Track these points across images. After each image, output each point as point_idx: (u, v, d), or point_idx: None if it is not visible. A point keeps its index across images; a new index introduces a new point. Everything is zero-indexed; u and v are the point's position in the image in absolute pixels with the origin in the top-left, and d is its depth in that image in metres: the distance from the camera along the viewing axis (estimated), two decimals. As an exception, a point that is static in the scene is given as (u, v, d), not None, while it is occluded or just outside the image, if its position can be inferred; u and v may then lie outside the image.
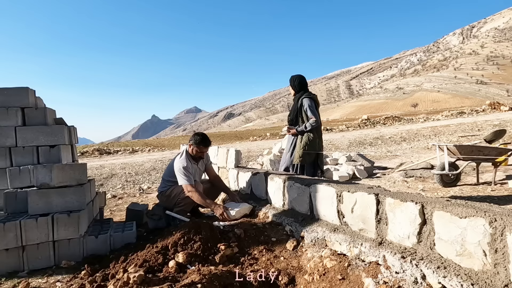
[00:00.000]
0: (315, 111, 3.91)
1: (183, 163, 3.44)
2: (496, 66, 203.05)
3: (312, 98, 3.98)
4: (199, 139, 3.53)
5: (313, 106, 3.93)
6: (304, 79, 4.12)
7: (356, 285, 1.87)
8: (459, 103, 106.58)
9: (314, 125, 3.86)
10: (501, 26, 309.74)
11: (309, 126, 3.87)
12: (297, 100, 4.03)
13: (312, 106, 3.90)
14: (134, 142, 26.63)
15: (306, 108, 3.91)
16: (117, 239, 2.95)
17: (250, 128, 32.56)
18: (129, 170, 9.53)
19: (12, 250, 2.64)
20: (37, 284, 2.43)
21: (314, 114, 3.88)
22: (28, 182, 3.17)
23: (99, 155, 15.69)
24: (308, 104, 3.90)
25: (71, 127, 3.67)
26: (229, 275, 2.10)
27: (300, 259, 2.40)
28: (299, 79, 4.08)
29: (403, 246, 1.92)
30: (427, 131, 14.99)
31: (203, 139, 3.55)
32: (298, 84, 4.08)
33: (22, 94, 3.26)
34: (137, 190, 7.03)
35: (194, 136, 3.59)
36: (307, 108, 3.89)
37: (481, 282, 1.49)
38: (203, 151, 3.62)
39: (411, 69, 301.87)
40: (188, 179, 3.37)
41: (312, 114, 3.87)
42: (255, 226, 3.05)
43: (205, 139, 3.57)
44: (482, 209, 1.60)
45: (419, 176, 5.88)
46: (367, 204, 2.17)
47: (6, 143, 3.18)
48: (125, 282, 2.02)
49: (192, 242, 2.55)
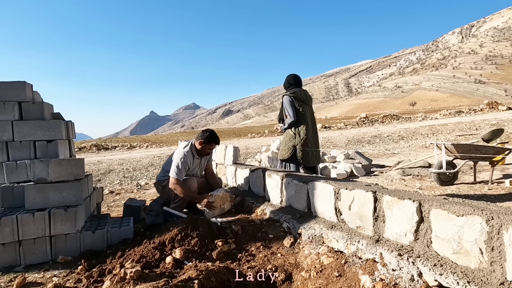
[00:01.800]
0: (291, 108, 3.92)
1: (184, 155, 3.44)
2: (495, 66, 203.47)
3: (291, 95, 3.97)
4: (210, 136, 3.54)
5: (290, 103, 3.93)
6: (292, 78, 4.10)
7: (352, 282, 1.88)
8: (457, 102, 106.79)
9: (290, 122, 3.92)
10: (500, 25, 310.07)
11: (286, 124, 3.99)
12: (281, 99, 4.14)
13: (289, 104, 3.93)
14: (132, 138, 26.57)
15: (284, 106, 4.00)
16: (114, 235, 2.95)
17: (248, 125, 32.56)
18: (126, 166, 9.51)
19: (8, 244, 2.63)
20: (33, 279, 2.42)
21: (290, 111, 3.92)
22: (25, 176, 3.15)
23: (97, 150, 15.66)
24: (285, 102, 3.98)
25: (68, 122, 3.65)
26: (226, 271, 2.11)
27: (297, 256, 2.40)
28: (286, 79, 4.14)
29: (400, 244, 1.92)
30: (425, 129, 15.03)
31: (214, 137, 3.56)
32: (286, 83, 4.16)
33: (19, 88, 3.23)
34: (134, 186, 7.02)
35: (204, 132, 3.58)
36: (285, 106, 3.98)
37: (477, 279, 1.50)
38: (212, 148, 3.64)
39: (410, 67, 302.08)
40: (178, 172, 3.36)
41: (289, 111, 3.93)
42: (253, 223, 3.05)
43: (216, 137, 3.58)
44: (479, 207, 1.60)
45: (416, 174, 5.90)
46: (364, 201, 2.17)
47: (3, 137, 3.16)
48: (122, 278, 2.02)
49: (189, 238, 2.54)
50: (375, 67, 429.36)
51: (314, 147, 4.01)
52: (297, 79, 4.13)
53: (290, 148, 3.91)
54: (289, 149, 3.92)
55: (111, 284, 2.03)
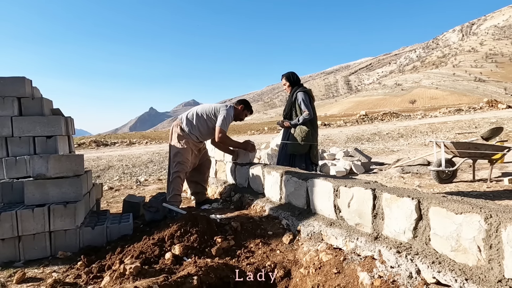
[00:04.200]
0: (308, 105, 4.00)
1: (231, 113, 3.70)
2: (495, 64, 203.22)
3: (306, 92, 4.07)
4: (248, 103, 3.95)
5: (307, 100, 4.03)
6: (296, 76, 4.25)
7: (351, 279, 1.89)
8: (457, 100, 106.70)
9: (307, 118, 3.97)
10: (500, 23, 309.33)
11: (301, 119, 3.99)
12: (291, 94, 4.14)
13: (306, 100, 4.01)
14: (132, 134, 26.54)
15: (300, 101, 4.02)
16: (114, 231, 2.95)
17: (248, 122, 32.43)
18: (126, 162, 9.51)
19: (8, 240, 2.64)
20: (33, 274, 2.43)
21: (307, 107, 3.98)
22: (25, 172, 3.16)
23: (96, 146, 15.65)
24: (302, 98, 4.01)
25: (68, 118, 3.64)
26: (225, 268, 2.11)
27: (296, 253, 2.41)
28: (295, 75, 4.22)
29: (399, 241, 1.93)
30: (424, 127, 15.04)
31: (250, 106, 3.97)
32: (297, 80, 4.21)
33: (18, 83, 3.22)
34: (134, 182, 7.03)
35: (243, 101, 3.95)
36: (301, 101, 4.00)
37: (475, 277, 1.51)
38: (247, 115, 3.97)
39: (410, 65, 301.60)
40: (225, 125, 3.65)
41: (306, 107, 3.97)
42: (252, 220, 3.06)
43: (251, 106, 4.00)
44: (477, 205, 1.61)
45: (415, 172, 5.91)
46: (363, 199, 2.18)
47: (2, 133, 3.15)
48: (121, 273, 2.03)
49: (188, 234, 2.55)
50: (375, 65, 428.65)
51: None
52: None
53: (306, 144, 3.99)
54: (305, 145, 3.99)
55: (111, 279, 2.04)
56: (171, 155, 3.72)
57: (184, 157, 3.66)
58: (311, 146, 4.05)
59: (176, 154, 3.66)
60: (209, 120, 3.71)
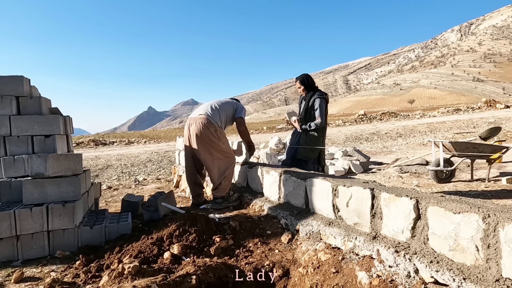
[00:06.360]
0: (323, 113, 4.04)
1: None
2: (493, 64, 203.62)
3: (324, 98, 4.11)
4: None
5: (323, 107, 4.06)
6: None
7: (349, 278, 1.89)
8: (455, 100, 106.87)
9: (318, 126, 4.02)
10: (499, 23, 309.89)
11: (313, 125, 4.03)
12: (308, 99, 4.13)
13: (322, 107, 4.03)
14: (130, 134, 26.51)
15: (316, 108, 4.04)
16: (112, 230, 2.95)
17: (246, 121, 32.32)
18: (124, 161, 9.50)
19: (6, 239, 2.63)
20: (31, 273, 2.43)
21: (321, 115, 4.01)
22: (23, 171, 3.15)
23: (95, 146, 15.62)
24: (319, 104, 4.03)
25: (66, 117, 3.64)
26: (224, 267, 2.11)
27: (294, 252, 2.41)
28: (309, 77, 4.24)
29: (397, 241, 1.93)
30: (423, 127, 15.07)
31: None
32: (312, 82, 4.23)
33: (16, 82, 3.22)
34: (132, 181, 7.02)
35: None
36: (318, 108, 4.03)
37: (473, 276, 1.51)
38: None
39: (408, 65, 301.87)
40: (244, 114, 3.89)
41: (320, 115, 4.01)
42: (250, 219, 3.06)
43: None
44: (475, 205, 1.61)
45: (414, 171, 5.92)
46: (362, 198, 2.18)
47: (1, 132, 3.14)
48: (119, 273, 2.03)
49: (187, 234, 2.55)
50: (374, 65, 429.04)
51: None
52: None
53: (316, 150, 4.09)
54: (315, 151, 4.09)
55: (109, 279, 2.03)
56: (214, 151, 3.60)
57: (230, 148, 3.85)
58: (320, 151, 4.16)
59: (220, 147, 3.64)
60: (228, 111, 3.82)
